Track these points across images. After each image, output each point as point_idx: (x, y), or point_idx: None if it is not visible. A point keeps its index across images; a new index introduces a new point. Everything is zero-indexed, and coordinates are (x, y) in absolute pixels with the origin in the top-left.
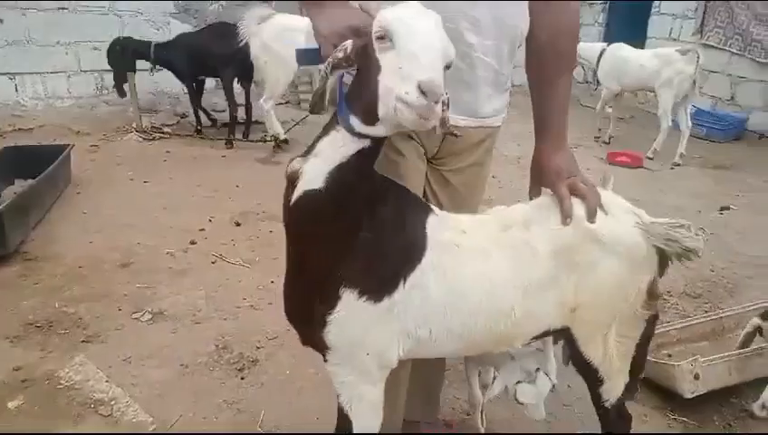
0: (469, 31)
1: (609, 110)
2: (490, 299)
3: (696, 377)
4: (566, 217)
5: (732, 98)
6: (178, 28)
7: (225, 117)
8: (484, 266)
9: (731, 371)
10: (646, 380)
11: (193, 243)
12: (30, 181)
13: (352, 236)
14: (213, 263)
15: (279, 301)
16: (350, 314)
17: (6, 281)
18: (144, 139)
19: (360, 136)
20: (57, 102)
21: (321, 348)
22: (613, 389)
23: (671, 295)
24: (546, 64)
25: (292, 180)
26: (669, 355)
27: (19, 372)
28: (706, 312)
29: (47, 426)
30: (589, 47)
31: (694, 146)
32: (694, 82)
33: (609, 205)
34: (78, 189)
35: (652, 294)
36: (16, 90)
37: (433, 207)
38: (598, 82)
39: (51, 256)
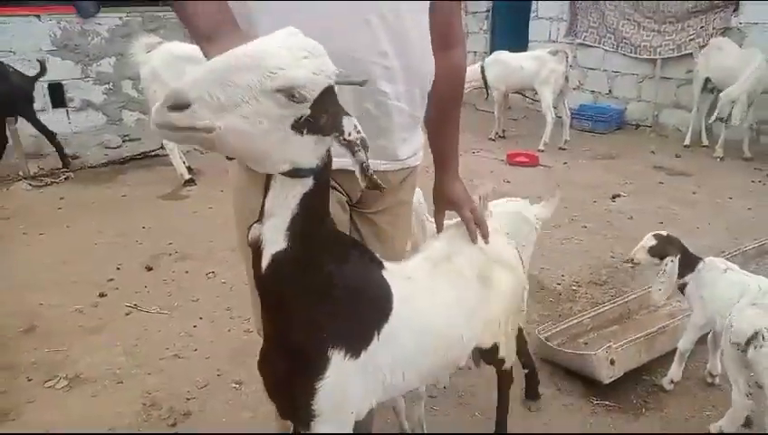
0: (382, 79)
1: (496, 112)
2: (448, 330)
3: (612, 362)
4: (474, 237)
5: (610, 91)
6: (58, 66)
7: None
8: (436, 303)
9: (641, 352)
10: (567, 371)
11: (102, 295)
12: None
13: (329, 291)
14: (127, 314)
15: (205, 347)
16: (339, 376)
17: None
18: (34, 186)
19: (291, 175)
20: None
21: (306, 420)
22: (509, 359)
23: (579, 285)
24: (444, 106)
25: (255, 248)
26: (585, 343)
27: None
28: (613, 297)
29: None
30: (471, 70)
31: (581, 139)
32: (566, 79)
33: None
34: None
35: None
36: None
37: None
38: (487, 90)
39: None
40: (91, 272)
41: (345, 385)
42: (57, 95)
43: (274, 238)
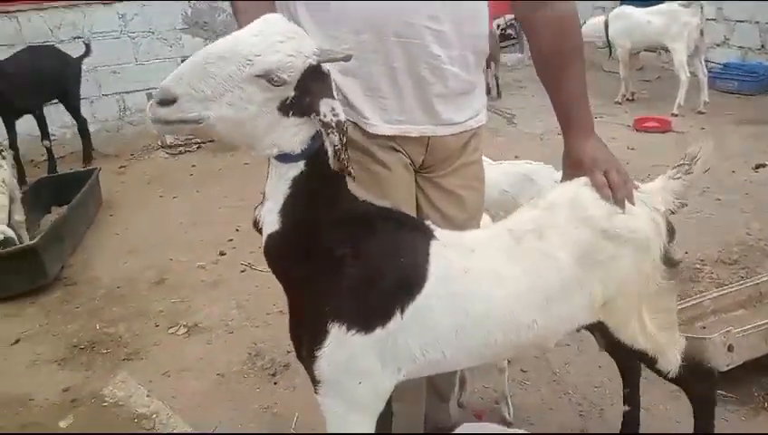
0: (434, 44)
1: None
2: (506, 317)
3: (730, 349)
4: (614, 207)
5: (762, 46)
6: (189, 43)
7: None
8: (498, 288)
9: (766, 340)
10: None
11: (222, 254)
12: (62, 209)
13: (333, 271)
14: (242, 272)
15: None
16: (339, 347)
17: (50, 307)
18: (170, 155)
19: (283, 160)
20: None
21: (314, 384)
22: (669, 362)
23: (705, 264)
24: (557, 61)
25: (257, 228)
26: (703, 327)
27: (67, 393)
28: (743, 278)
29: None
30: (593, 23)
31: (725, 102)
32: (701, 33)
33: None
34: (110, 212)
35: (669, 262)
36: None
37: (435, 228)
38: (611, 48)
39: (89, 280)
40: (214, 232)
41: (348, 356)
42: None
43: (270, 220)
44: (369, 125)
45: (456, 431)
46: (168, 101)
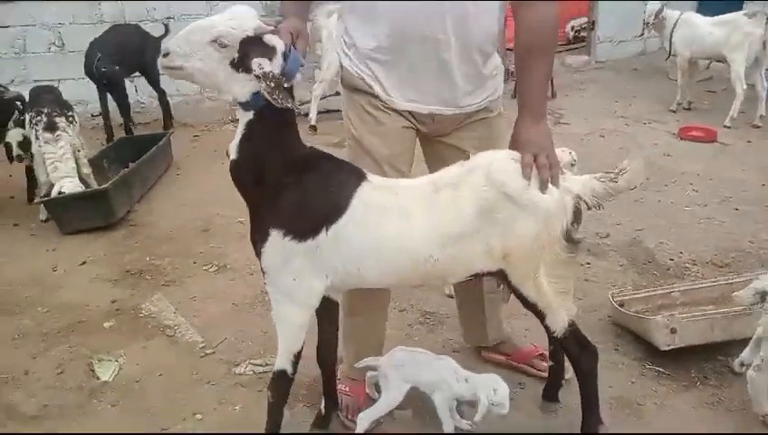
0: (444, 51)
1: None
2: (406, 249)
3: (673, 331)
4: (527, 182)
5: None
6: None
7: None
8: (405, 224)
9: (714, 328)
10: (628, 332)
11: None
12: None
13: (276, 192)
14: None
15: None
16: (277, 248)
17: (113, 241)
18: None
19: (242, 108)
20: (169, 100)
21: (262, 273)
22: (556, 321)
23: (695, 264)
24: (526, 55)
25: (228, 156)
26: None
27: (114, 304)
28: None
29: (128, 341)
30: (670, 14)
31: None
32: (764, 44)
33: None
34: (178, 171)
35: (569, 239)
36: (136, 91)
37: (370, 174)
38: (670, 50)
39: (148, 224)
40: None
41: (284, 256)
42: None
43: (232, 151)
44: (390, 100)
45: (389, 354)
46: (166, 54)
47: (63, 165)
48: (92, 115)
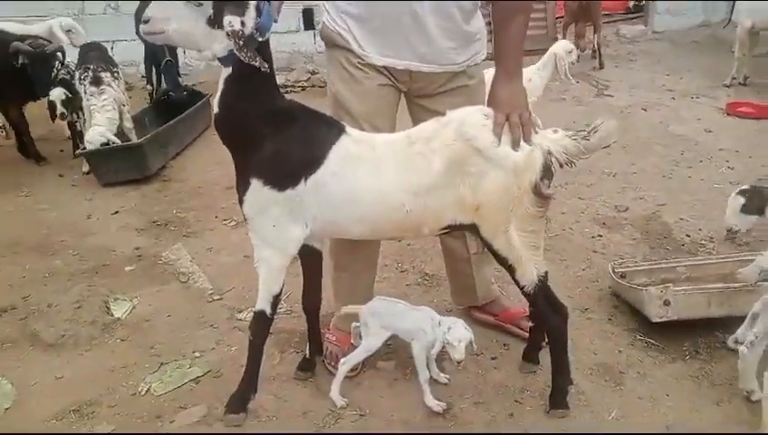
0: (415, 2)
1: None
2: (379, 199)
3: (666, 303)
4: (496, 137)
5: None
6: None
7: None
8: (378, 174)
9: (710, 303)
10: (626, 303)
11: None
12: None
13: (256, 144)
14: None
15: None
16: (258, 195)
17: (146, 193)
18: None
19: (221, 63)
20: (215, 63)
21: (244, 219)
22: (525, 274)
23: (712, 241)
24: (502, 11)
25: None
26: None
27: (137, 251)
28: None
29: (144, 284)
30: None
31: None
32: None
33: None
34: (215, 133)
35: (538, 194)
36: (184, 53)
37: (349, 127)
38: (731, 17)
39: (180, 179)
40: None
41: (264, 203)
42: (308, 19)
43: (216, 106)
44: (365, 55)
45: (370, 303)
46: (147, 20)
47: (101, 115)
48: (143, 75)
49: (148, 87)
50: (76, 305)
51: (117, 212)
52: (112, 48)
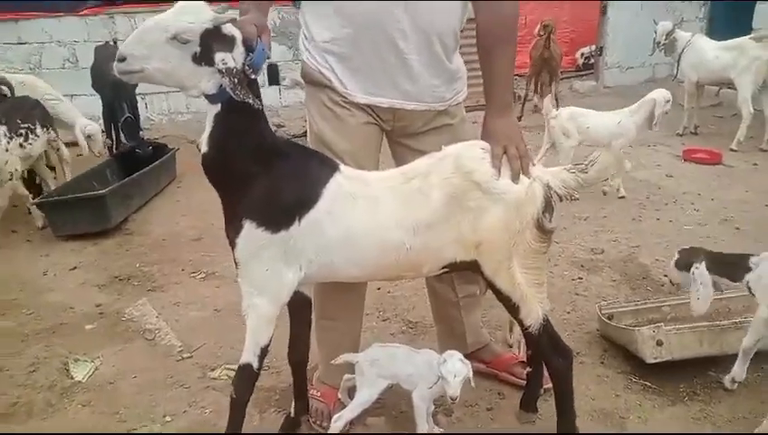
0: (400, 39)
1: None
2: (378, 237)
3: (659, 343)
4: (496, 171)
5: None
6: (275, 50)
7: None
8: (375, 213)
9: (702, 342)
10: (616, 345)
11: None
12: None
13: (247, 183)
14: None
15: None
16: (250, 238)
17: (106, 248)
18: None
19: (209, 101)
20: (178, 117)
21: (235, 265)
22: (530, 314)
23: None
24: (487, 45)
25: (199, 150)
26: None
27: (98, 308)
28: None
29: (107, 343)
30: (681, 35)
31: None
32: None
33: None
34: (180, 184)
35: (541, 229)
36: (146, 107)
37: (342, 165)
38: (677, 72)
39: (143, 232)
40: None
41: (257, 246)
42: (273, 75)
43: (204, 145)
44: (348, 94)
45: (367, 350)
46: (122, 59)
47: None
48: (103, 131)
49: (107, 141)
50: (31, 369)
51: (75, 268)
52: (72, 101)
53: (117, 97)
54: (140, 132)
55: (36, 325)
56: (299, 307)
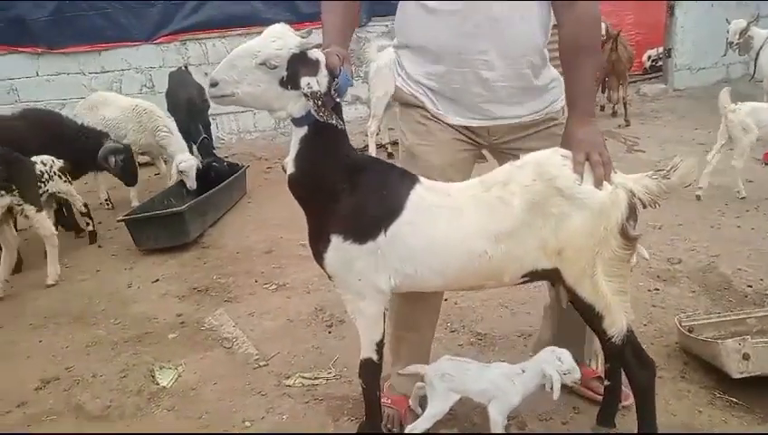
0: (484, 70)
1: None
2: (460, 246)
3: (746, 357)
4: (578, 177)
5: None
6: None
7: None
8: (457, 221)
9: None
10: (697, 359)
11: None
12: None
13: (333, 200)
14: None
15: None
16: (340, 251)
17: (184, 261)
18: None
19: (295, 124)
20: (246, 135)
21: (329, 276)
22: (613, 323)
23: None
24: (570, 54)
25: (285, 171)
26: None
27: (179, 317)
28: None
29: (188, 351)
30: (757, 32)
31: None
32: None
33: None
34: (250, 200)
35: (625, 235)
36: (217, 127)
37: (421, 177)
38: (755, 72)
39: (218, 246)
40: None
41: (347, 259)
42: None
43: (290, 166)
44: (442, 116)
45: (436, 363)
46: (214, 84)
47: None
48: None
49: None
50: (121, 375)
51: (157, 280)
52: None
53: (192, 120)
54: (213, 150)
55: (124, 334)
56: None
